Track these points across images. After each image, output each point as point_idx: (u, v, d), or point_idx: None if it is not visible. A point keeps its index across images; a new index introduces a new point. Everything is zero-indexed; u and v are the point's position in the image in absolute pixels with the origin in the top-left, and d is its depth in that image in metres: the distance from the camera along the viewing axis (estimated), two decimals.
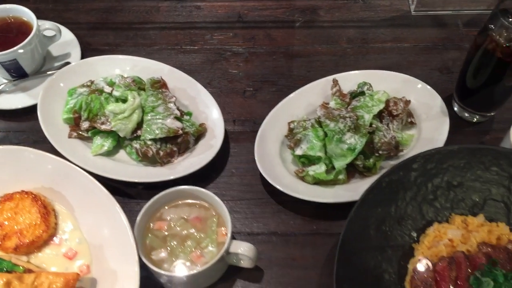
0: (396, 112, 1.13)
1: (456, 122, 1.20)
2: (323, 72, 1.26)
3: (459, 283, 0.85)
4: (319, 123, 1.10)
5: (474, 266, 0.85)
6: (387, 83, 1.20)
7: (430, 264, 0.88)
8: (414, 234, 0.95)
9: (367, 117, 1.10)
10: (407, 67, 1.31)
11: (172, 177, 1.06)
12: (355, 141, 1.06)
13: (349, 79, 1.21)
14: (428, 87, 1.18)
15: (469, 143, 1.16)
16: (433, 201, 0.96)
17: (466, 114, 1.19)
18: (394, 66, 1.30)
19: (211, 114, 1.17)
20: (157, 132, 1.09)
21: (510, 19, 0.97)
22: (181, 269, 0.93)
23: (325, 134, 1.08)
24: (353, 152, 1.06)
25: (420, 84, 1.19)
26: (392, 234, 0.94)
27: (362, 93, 1.16)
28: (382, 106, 1.12)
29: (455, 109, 1.21)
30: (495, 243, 0.89)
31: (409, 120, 1.16)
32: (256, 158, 1.09)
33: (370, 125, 1.09)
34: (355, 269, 0.89)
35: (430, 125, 1.15)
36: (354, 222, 0.91)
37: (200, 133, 1.15)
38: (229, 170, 1.15)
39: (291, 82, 1.28)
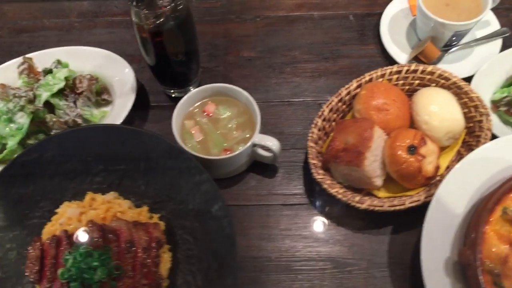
0: (80, 90, 1.13)
1: (163, 98, 1.22)
2: (44, 48, 1.24)
3: (59, 260, 0.88)
4: None
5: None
6: (91, 60, 1.20)
7: (40, 243, 0.90)
8: (50, 214, 0.97)
9: (45, 96, 1.10)
10: (129, 41, 1.30)
11: None
12: (24, 120, 1.07)
13: (53, 56, 1.20)
14: (126, 63, 1.19)
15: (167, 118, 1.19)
16: (72, 180, 0.98)
17: (169, 90, 1.21)
18: (117, 41, 1.30)
19: None
20: None
21: (139, 4, 0.97)
22: None
23: None
24: (21, 131, 1.07)
25: (119, 60, 1.19)
26: (30, 214, 0.96)
27: (51, 71, 1.15)
28: (62, 84, 1.12)
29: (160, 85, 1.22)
30: (109, 220, 0.93)
31: (103, 97, 1.17)
32: None
33: (46, 103, 1.09)
34: None
35: (122, 101, 1.16)
36: None
37: None
38: None
39: (8, 58, 1.26)
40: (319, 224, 1.05)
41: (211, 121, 1.09)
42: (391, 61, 1.22)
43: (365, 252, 1.01)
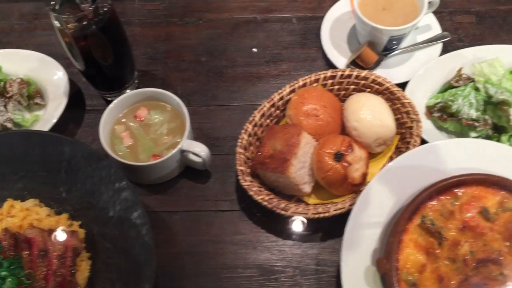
0: (10, 93, 1.11)
1: (99, 102, 1.20)
2: None
3: None
4: None
5: None
6: (26, 63, 1.19)
7: None
8: None
9: None
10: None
11: None
12: None
13: None
14: (60, 66, 1.17)
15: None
16: None
17: (104, 94, 1.19)
18: (57, 43, 1.24)
19: None
20: None
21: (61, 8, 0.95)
22: None
23: None
24: None
25: (53, 63, 1.18)
26: None
27: None
28: None
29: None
30: (24, 228, 0.91)
31: (35, 101, 1.15)
32: None
33: None
34: None
35: (54, 105, 1.14)
36: None
37: None
38: None
39: None
40: (248, 230, 1.03)
41: (143, 126, 1.07)
42: (332, 66, 1.21)
43: (292, 260, 1.00)
